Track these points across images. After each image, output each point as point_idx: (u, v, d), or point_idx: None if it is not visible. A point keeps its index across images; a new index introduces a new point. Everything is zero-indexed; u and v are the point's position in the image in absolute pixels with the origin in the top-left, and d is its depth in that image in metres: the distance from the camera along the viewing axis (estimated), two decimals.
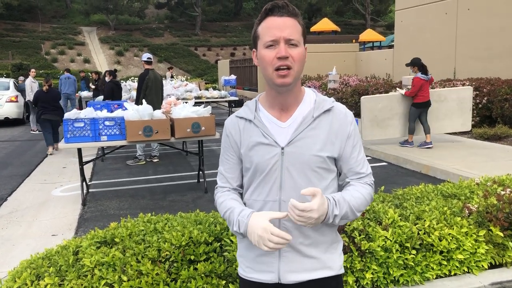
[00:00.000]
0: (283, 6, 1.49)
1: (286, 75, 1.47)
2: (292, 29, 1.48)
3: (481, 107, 10.10)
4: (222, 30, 54.41)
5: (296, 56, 1.48)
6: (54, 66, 39.68)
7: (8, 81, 15.99)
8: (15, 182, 7.18)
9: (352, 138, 1.60)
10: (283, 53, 1.45)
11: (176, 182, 6.94)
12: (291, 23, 1.48)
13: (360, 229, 2.86)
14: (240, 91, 24.47)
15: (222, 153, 1.74)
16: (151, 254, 2.54)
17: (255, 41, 1.56)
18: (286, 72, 1.47)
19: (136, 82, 10.00)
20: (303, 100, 1.61)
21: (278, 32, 1.47)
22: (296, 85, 1.56)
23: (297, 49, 1.49)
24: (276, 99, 1.58)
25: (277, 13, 1.48)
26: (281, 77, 1.48)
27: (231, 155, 1.69)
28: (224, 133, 1.71)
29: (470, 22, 12.58)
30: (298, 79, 1.55)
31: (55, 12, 54.32)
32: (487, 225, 3.09)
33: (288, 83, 1.49)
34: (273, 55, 1.47)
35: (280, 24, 1.47)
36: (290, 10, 1.49)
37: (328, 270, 1.61)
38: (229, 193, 1.70)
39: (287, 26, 1.47)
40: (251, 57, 26.85)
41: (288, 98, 1.57)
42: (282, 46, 1.46)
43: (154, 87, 8.04)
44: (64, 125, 5.54)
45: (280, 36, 1.46)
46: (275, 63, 1.48)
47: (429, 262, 2.87)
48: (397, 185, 6.30)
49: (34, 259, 2.67)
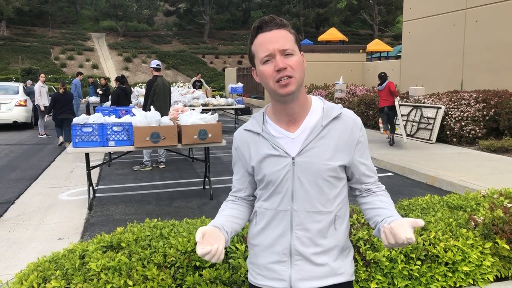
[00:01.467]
0: (270, 20, 1.50)
1: (288, 83, 1.48)
2: (284, 39, 1.49)
3: (488, 119, 10.07)
4: (230, 38, 54.72)
5: (294, 65, 1.49)
6: (63, 71, 40.04)
7: (18, 85, 16.16)
8: (22, 185, 7.24)
9: (361, 143, 1.62)
10: (281, 65, 1.47)
11: (182, 189, 6.97)
12: (281, 34, 1.49)
13: (365, 238, 2.87)
14: (246, 99, 24.55)
15: (234, 163, 1.77)
16: (157, 259, 2.55)
17: (252, 60, 1.58)
18: (288, 81, 1.48)
19: (144, 89, 10.06)
20: (310, 109, 1.62)
21: (271, 45, 1.48)
22: (301, 93, 1.56)
23: (293, 58, 1.49)
24: (283, 112, 1.58)
25: (266, 28, 1.50)
26: (284, 86, 1.49)
27: (240, 167, 1.72)
28: (233, 145, 1.75)
29: (478, 34, 12.58)
30: (302, 86, 1.55)
31: (65, 18, 54.88)
32: (493, 238, 3.08)
33: (292, 91, 1.50)
34: (271, 69, 1.49)
35: (271, 38, 1.49)
36: (278, 22, 1.51)
37: (339, 276, 1.61)
38: (228, 203, 1.75)
39: (279, 38, 1.48)
40: None
41: (294, 108, 1.57)
42: (279, 58, 1.48)
43: (162, 93, 8.10)
44: (72, 130, 5.59)
45: (274, 49, 1.48)
46: (275, 76, 1.49)
47: (434, 274, 2.86)
48: (403, 196, 6.28)
49: (41, 262, 2.70)
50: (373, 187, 1.68)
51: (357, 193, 1.71)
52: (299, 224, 1.57)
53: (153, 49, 48.01)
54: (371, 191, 1.68)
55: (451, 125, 10.24)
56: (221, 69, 43.42)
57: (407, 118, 11.51)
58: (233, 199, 1.76)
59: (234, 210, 1.71)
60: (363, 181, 1.67)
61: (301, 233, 1.57)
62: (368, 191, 1.68)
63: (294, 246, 1.57)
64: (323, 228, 1.58)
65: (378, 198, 1.65)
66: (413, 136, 11.11)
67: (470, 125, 10.02)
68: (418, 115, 11.09)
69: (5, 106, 14.68)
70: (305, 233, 1.56)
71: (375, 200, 1.65)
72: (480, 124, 10.03)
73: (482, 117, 10.04)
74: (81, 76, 15.71)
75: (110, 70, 41.99)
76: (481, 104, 10.11)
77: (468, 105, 10.22)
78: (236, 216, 1.69)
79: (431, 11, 14.41)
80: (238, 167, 1.73)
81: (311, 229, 1.57)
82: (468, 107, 10.17)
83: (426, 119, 10.81)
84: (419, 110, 11.14)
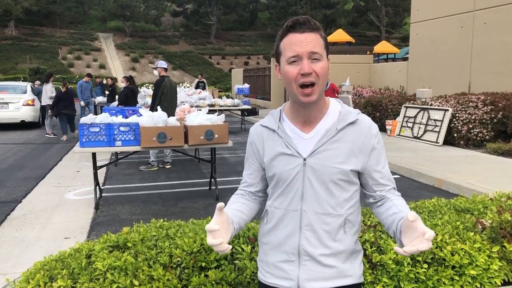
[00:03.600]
0: (304, 22, 1.48)
1: (311, 93, 1.48)
2: (314, 43, 1.47)
3: (496, 122, 10.01)
4: (237, 39, 54.78)
5: (320, 71, 1.48)
6: (70, 71, 40.27)
7: (26, 84, 16.27)
8: (29, 184, 7.28)
9: (376, 151, 1.60)
10: (306, 70, 1.46)
11: (188, 189, 6.98)
12: (313, 38, 1.48)
13: (371, 241, 2.86)
14: (253, 99, 24.55)
15: (246, 158, 1.78)
16: (162, 259, 2.56)
17: (277, 57, 1.57)
18: (311, 90, 1.48)
19: (151, 89, 10.10)
20: (327, 112, 1.61)
21: (300, 47, 1.46)
22: (321, 98, 1.56)
23: (320, 63, 1.48)
24: (300, 112, 1.59)
25: (299, 30, 1.48)
26: (306, 95, 1.48)
27: (253, 162, 1.73)
28: (248, 140, 1.76)
29: (486, 36, 12.51)
30: (323, 90, 1.55)
31: (73, 18, 55.20)
32: (500, 241, 3.06)
33: (313, 100, 1.50)
34: (296, 71, 1.48)
35: (302, 40, 1.47)
36: (311, 25, 1.49)
37: (348, 278, 1.61)
38: (238, 197, 1.75)
39: (309, 41, 1.47)
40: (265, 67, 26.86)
41: (312, 112, 1.58)
42: (305, 62, 1.46)
43: (169, 94, 8.12)
44: (80, 130, 5.62)
45: (303, 51, 1.46)
46: (298, 79, 1.48)
47: (440, 277, 2.84)
48: (410, 198, 6.26)
49: (48, 261, 2.71)
50: (387, 194, 1.65)
51: (371, 200, 1.69)
52: (308, 224, 1.57)
53: (160, 50, 48.16)
54: (385, 197, 1.64)
55: (458, 127, 10.18)
56: (227, 70, 43.48)
57: (414, 120, 11.46)
58: (242, 193, 1.77)
59: (243, 205, 1.72)
60: (377, 188, 1.64)
61: (309, 234, 1.57)
62: (382, 199, 1.65)
63: (302, 246, 1.58)
64: (332, 230, 1.58)
65: (392, 203, 1.61)
66: (420, 138, 11.06)
67: (477, 128, 9.95)
68: (425, 117, 11.04)
69: (13, 105, 14.78)
70: (314, 234, 1.57)
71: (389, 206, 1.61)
72: (488, 126, 9.97)
73: (490, 120, 9.98)
74: (88, 78, 15.63)
75: (117, 70, 42.17)
76: (489, 106, 10.04)
77: (476, 107, 10.16)
78: (244, 213, 1.69)
79: (439, 13, 14.34)
80: (251, 162, 1.74)
81: (320, 231, 1.57)
82: (476, 109, 10.11)
83: (433, 121, 10.76)
84: (426, 112, 11.09)
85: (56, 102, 12.37)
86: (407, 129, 11.65)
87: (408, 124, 11.65)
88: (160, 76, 8.23)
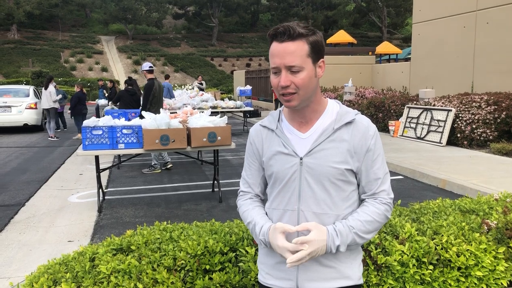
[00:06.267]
0: (284, 31, 1.47)
1: (290, 99, 1.51)
2: (292, 55, 1.46)
3: (500, 122, 9.97)
4: (239, 41, 54.83)
5: (299, 82, 1.48)
6: (73, 74, 40.36)
7: (28, 88, 16.31)
8: (32, 187, 7.29)
9: (372, 152, 1.59)
10: (283, 83, 1.48)
11: (191, 191, 6.97)
12: (292, 48, 1.46)
13: (376, 243, 2.84)
14: (255, 101, 24.55)
15: (246, 159, 1.79)
16: (166, 262, 2.55)
17: None
18: (290, 97, 1.51)
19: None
20: (325, 112, 1.62)
21: (278, 59, 1.48)
22: (312, 100, 1.57)
23: (300, 74, 1.48)
24: (295, 113, 1.62)
25: (279, 39, 1.48)
26: (286, 101, 1.52)
27: (253, 162, 1.74)
28: (248, 140, 1.77)
29: (489, 36, 12.48)
30: (313, 95, 1.56)
31: (74, 21, 55.35)
32: (506, 242, 3.04)
33: (293, 106, 1.53)
34: (277, 82, 1.51)
35: (281, 51, 1.47)
36: (291, 34, 1.46)
37: (346, 279, 1.61)
38: (252, 201, 1.75)
39: (288, 53, 1.46)
40: (267, 68, 26.92)
41: (305, 113, 1.60)
42: (283, 74, 1.48)
43: (158, 96, 8.22)
44: (82, 133, 5.62)
45: (281, 63, 1.47)
46: (279, 90, 1.52)
47: (446, 278, 2.82)
48: (414, 199, 6.23)
49: (51, 265, 2.70)
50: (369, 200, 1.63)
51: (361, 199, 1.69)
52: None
53: (162, 52, 48.24)
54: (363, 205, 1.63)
55: (461, 127, 10.15)
56: (229, 72, 43.51)
57: (417, 120, 11.43)
58: (250, 197, 1.77)
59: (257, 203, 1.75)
60: (367, 190, 1.63)
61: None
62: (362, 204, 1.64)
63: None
64: None
65: (358, 209, 1.62)
66: (423, 138, 11.03)
67: (481, 128, 9.92)
68: (429, 118, 11.01)
69: (16, 108, 14.82)
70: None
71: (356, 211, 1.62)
72: (491, 126, 9.93)
73: (493, 120, 9.94)
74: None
75: (119, 73, 42.25)
76: (492, 106, 10.01)
77: (479, 107, 10.12)
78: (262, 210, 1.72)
79: (441, 13, 14.32)
80: (251, 161, 1.75)
81: None
82: (479, 109, 10.07)
83: (436, 121, 10.73)
84: (429, 113, 11.06)
85: (77, 103, 13.29)
86: (410, 130, 11.62)
87: (411, 125, 11.62)
88: (148, 78, 8.19)
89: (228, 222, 3.15)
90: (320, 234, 1.48)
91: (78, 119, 13.36)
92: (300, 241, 1.46)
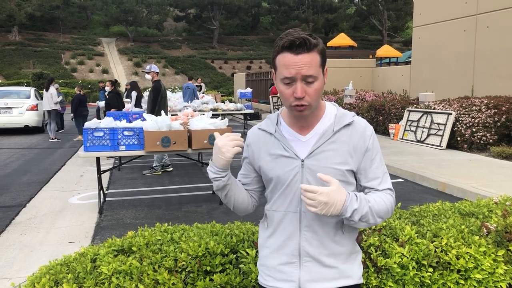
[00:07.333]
0: (301, 44, 1.44)
1: (303, 110, 1.51)
2: (309, 65, 1.45)
3: (500, 126, 9.99)
4: (239, 43, 54.90)
5: (313, 93, 1.48)
6: (73, 76, 40.40)
7: (29, 89, 16.34)
8: (33, 189, 7.30)
9: (370, 152, 1.62)
10: (299, 94, 1.46)
11: (192, 193, 6.98)
12: (308, 59, 1.45)
13: (376, 245, 2.85)
14: (255, 104, 24.58)
15: (243, 159, 1.81)
16: (167, 263, 2.56)
17: (274, 67, 1.57)
18: (303, 108, 1.50)
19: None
20: (323, 115, 1.64)
21: (294, 70, 1.44)
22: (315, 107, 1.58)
23: (314, 85, 1.48)
24: (296, 119, 1.62)
25: (294, 51, 1.44)
26: (299, 111, 1.51)
27: (247, 163, 1.77)
28: (245, 142, 1.77)
29: (489, 40, 12.50)
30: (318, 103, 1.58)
31: (75, 23, 55.45)
32: (506, 245, 3.05)
33: (306, 115, 1.54)
34: (290, 93, 1.48)
35: (297, 61, 1.44)
36: (308, 46, 1.44)
37: (347, 279, 1.63)
38: None
39: (305, 64, 1.44)
40: (267, 71, 26.84)
41: (308, 119, 1.61)
42: (299, 85, 1.46)
43: (164, 97, 8.34)
44: (84, 134, 5.63)
45: (298, 73, 1.44)
46: (292, 101, 1.49)
47: (446, 281, 2.84)
48: (414, 202, 6.24)
49: (53, 265, 2.71)
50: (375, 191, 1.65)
51: None
52: (307, 225, 1.60)
53: (163, 54, 48.30)
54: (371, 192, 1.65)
55: (461, 131, 10.16)
56: (230, 74, 43.54)
57: (417, 124, 11.45)
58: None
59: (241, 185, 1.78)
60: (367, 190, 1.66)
61: (310, 235, 1.59)
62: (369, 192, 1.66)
63: (303, 248, 1.60)
64: (331, 231, 1.60)
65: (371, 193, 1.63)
66: (423, 142, 11.04)
67: (481, 132, 9.94)
68: (429, 121, 11.03)
69: (16, 110, 14.84)
70: (314, 234, 1.59)
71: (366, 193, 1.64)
72: (491, 130, 9.95)
73: (493, 123, 9.96)
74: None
75: (120, 75, 42.30)
76: (493, 110, 10.02)
77: (479, 111, 10.14)
78: (240, 188, 1.75)
79: (442, 16, 14.35)
80: (246, 163, 1.77)
81: (319, 231, 1.59)
82: (479, 113, 10.09)
83: (436, 125, 10.75)
84: (429, 116, 11.08)
85: (79, 105, 13.37)
86: (410, 133, 11.63)
87: (411, 128, 11.64)
88: (154, 80, 8.28)
89: (229, 224, 3.16)
90: (339, 191, 1.46)
91: (79, 121, 13.45)
92: (310, 189, 1.43)
